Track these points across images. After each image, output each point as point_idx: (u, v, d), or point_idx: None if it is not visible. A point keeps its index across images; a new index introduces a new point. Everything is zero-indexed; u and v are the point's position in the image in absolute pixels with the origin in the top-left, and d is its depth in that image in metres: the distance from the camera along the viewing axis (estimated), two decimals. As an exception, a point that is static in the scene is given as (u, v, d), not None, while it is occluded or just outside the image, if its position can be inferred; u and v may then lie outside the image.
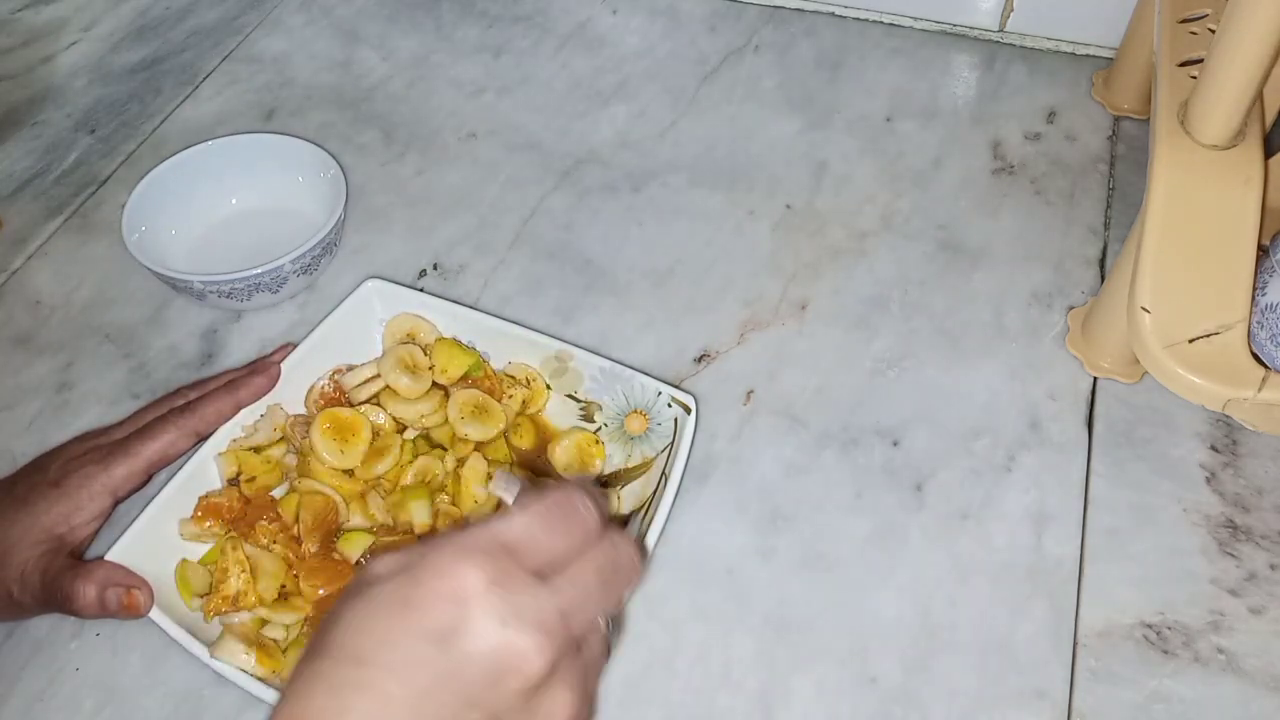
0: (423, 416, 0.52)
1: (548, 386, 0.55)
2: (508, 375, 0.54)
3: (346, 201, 0.61)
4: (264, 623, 0.47)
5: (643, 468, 0.52)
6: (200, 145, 0.64)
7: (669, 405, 0.51)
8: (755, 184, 0.67)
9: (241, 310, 0.61)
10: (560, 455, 0.52)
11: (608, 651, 0.35)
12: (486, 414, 0.52)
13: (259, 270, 0.57)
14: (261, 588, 0.46)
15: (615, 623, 0.35)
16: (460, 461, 0.51)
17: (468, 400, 0.53)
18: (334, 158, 0.63)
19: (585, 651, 0.33)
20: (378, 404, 0.53)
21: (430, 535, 0.48)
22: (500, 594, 0.30)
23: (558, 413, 0.55)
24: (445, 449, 0.52)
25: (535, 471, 0.52)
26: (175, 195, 0.63)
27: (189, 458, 0.49)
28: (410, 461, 0.51)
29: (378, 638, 0.30)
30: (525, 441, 0.53)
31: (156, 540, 0.47)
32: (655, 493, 0.49)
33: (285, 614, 0.46)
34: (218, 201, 0.65)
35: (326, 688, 0.30)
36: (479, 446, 0.52)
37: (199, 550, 0.49)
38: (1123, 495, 0.51)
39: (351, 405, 0.53)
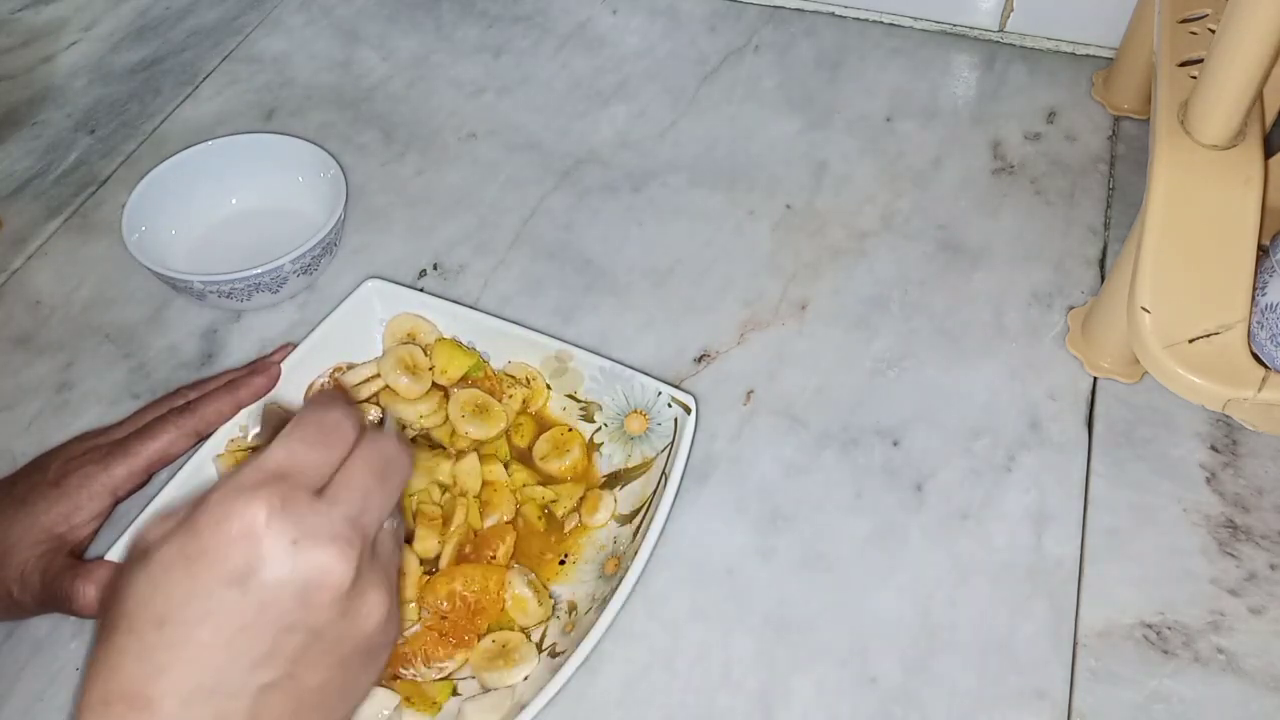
0: (422, 417, 0.52)
1: (548, 386, 0.54)
2: (507, 375, 0.54)
3: (346, 201, 0.61)
4: None
5: (643, 468, 0.52)
6: (200, 145, 0.64)
7: (669, 405, 0.51)
8: (755, 184, 0.67)
9: (241, 310, 0.61)
10: (540, 446, 0.53)
11: (399, 545, 0.36)
12: (487, 413, 0.52)
13: (259, 270, 0.57)
14: None
15: (397, 516, 0.36)
16: (460, 454, 0.51)
17: (469, 400, 0.53)
18: (334, 158, 0.63)
19: (380, 550, 0.34)
20: (377, 403, 0.53)
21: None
22: (286, 518, 0.30)
23: (558, 413, 0.55)
24: (445, 448, 0.52)
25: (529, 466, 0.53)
26: (175, 195, 0.63)
27: (188, 458, 0.49)
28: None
29: (175, 597, 0.30)
30: (525, 440, 0.53)
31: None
32: (655, 493, 0.49)
33: None
34: (218, 201, 0.65)
35: (134, 656, 0.29)
36: (479, 445, 0.52)
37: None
38: (1123, 495, 0.51)
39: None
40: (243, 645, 0.30)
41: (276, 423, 0.36)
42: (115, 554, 0.46)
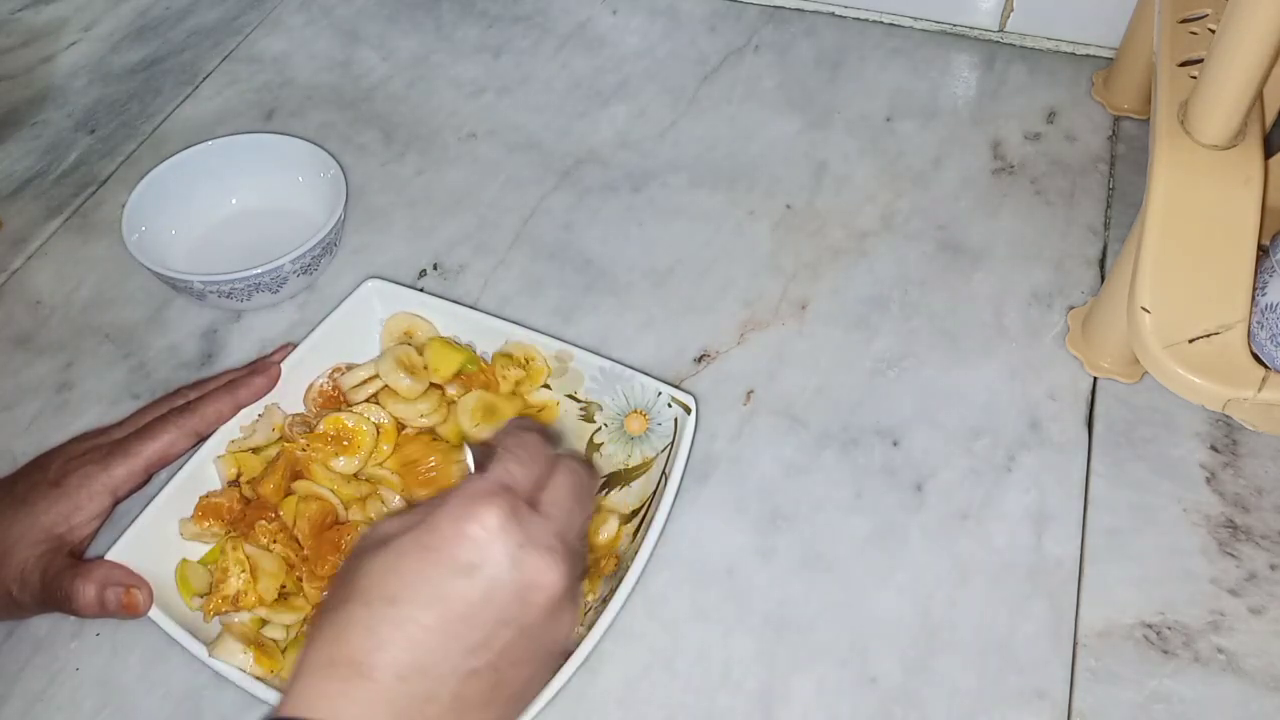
0: (422, 416, 0.52)
1: (548, 368, 0.54)
2: (504, 355, 0.54)
3: (347, 201, 0.61)
4: (264, 623, 0.47)
5: (643, 468, 0.52)
6: (200, 145, 0.64)
7: (669, 405, 0.51)
8: (755, 184, 0.67)
9: (241, 310, 0.61)
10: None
11: (586, 566, 0.41)
12: (497, 414, 0.53)
13: (259, 270, 0.57)
14: (261, 588, 0.46)
15: (585, 539, 0.40)
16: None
17: (476, 404, 0.53)
18: (334, 157, 0.63)
19: (580, 571, 0.37)
20: (376, 403, 0.53)
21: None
22: (515, 524, 0.34)
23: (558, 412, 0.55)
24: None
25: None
26: (175, 195, 0.63)
27: (188, 458, 0.49)
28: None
29: (407, 579, 0.33)
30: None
31: (156, 540, 0.47)
32: (655, 493, 0.49)
33: (285, 614, 0.46)
34: (218, 201, 0.65)
35: (363, 629, 0.32)
36: None
37: (199, 550, 0.49)
38: (1123, 495, 0.51)
39: (350, 405, 0.53)
40: (461, 631, 0.32)
41: (480, 456, 0.39)
42: (115, 554, 0.46)
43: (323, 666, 0.32)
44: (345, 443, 0.51)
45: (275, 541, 0.48)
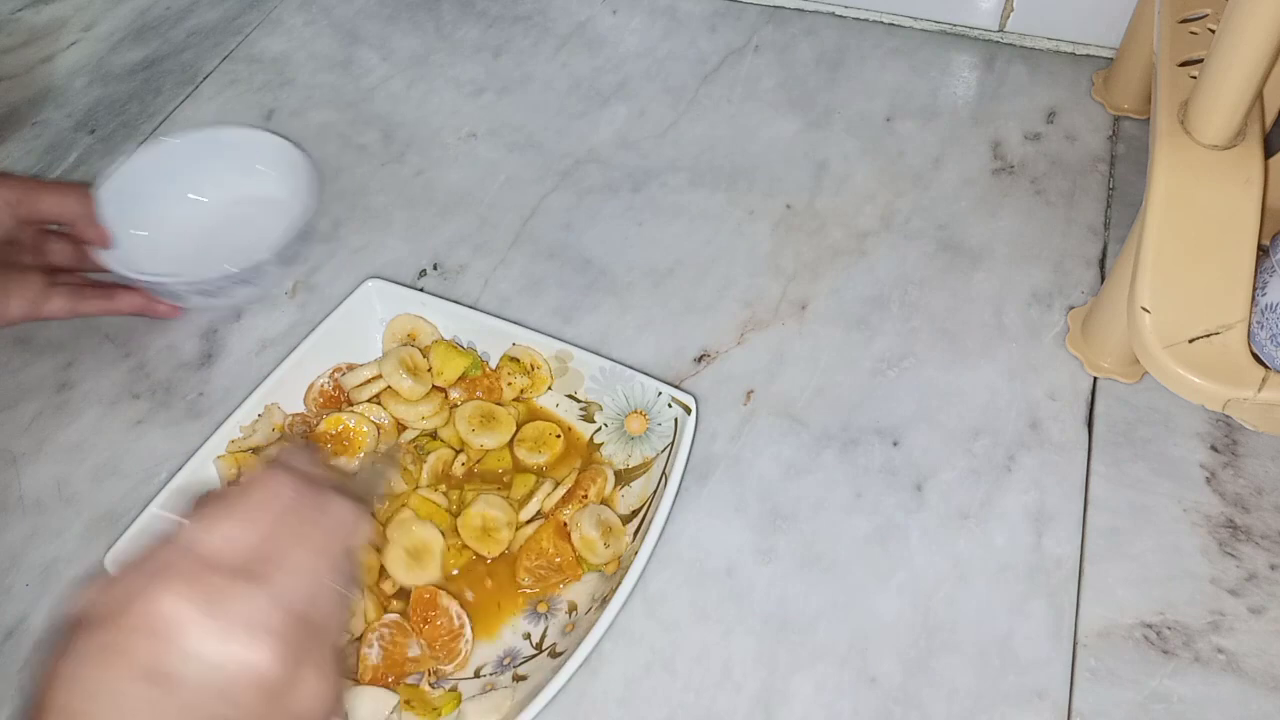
0: (424, 418, 0.52)
1: (550, 377, 0.54)
2: (511, 359, 0.54)
3: (319, 188, 0.60)
4: None
5: (643, 468, 0.52)
6: (160, 142, 0.63)
7: (669, 405, 0.51)
8: (755, 184, 0.67)
9: (223, 307, 0.61)
10: (522, 435, 0.53)
11: (345, 611, 0.34)
12: (495, 421, 0.53)
13: (229, 270, 0.56)
14: None
15: (347, 581, 0.34)
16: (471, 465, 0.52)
17: (474, 412, 0.53)
18: (298, 146, 0.62)
19: (316, 619, 0.31)
20: (379, 404, 0.53)
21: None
22: (207, 611, 0.28)
23: (550, 408, 0.55)
24: (454, 450, 0.53)
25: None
26: (143, 195, 0.61)
27: (188, 459, 0.49)
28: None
29: (90, 690, 0.28)
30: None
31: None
32: (655, 493, 0.49)
33: None
34: (187, 199, 0.64)
35: None
36: (486, 454, 0.53)
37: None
38: (1123, 495, 0.51)
39: (352, 405, 0.53)
40: None
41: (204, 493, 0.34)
42: (116, 554, 0.46)
43: None
44: (345, 442, 0.51)
45: None
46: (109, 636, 0.28)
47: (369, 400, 0.53)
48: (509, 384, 0.54)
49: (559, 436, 0.53)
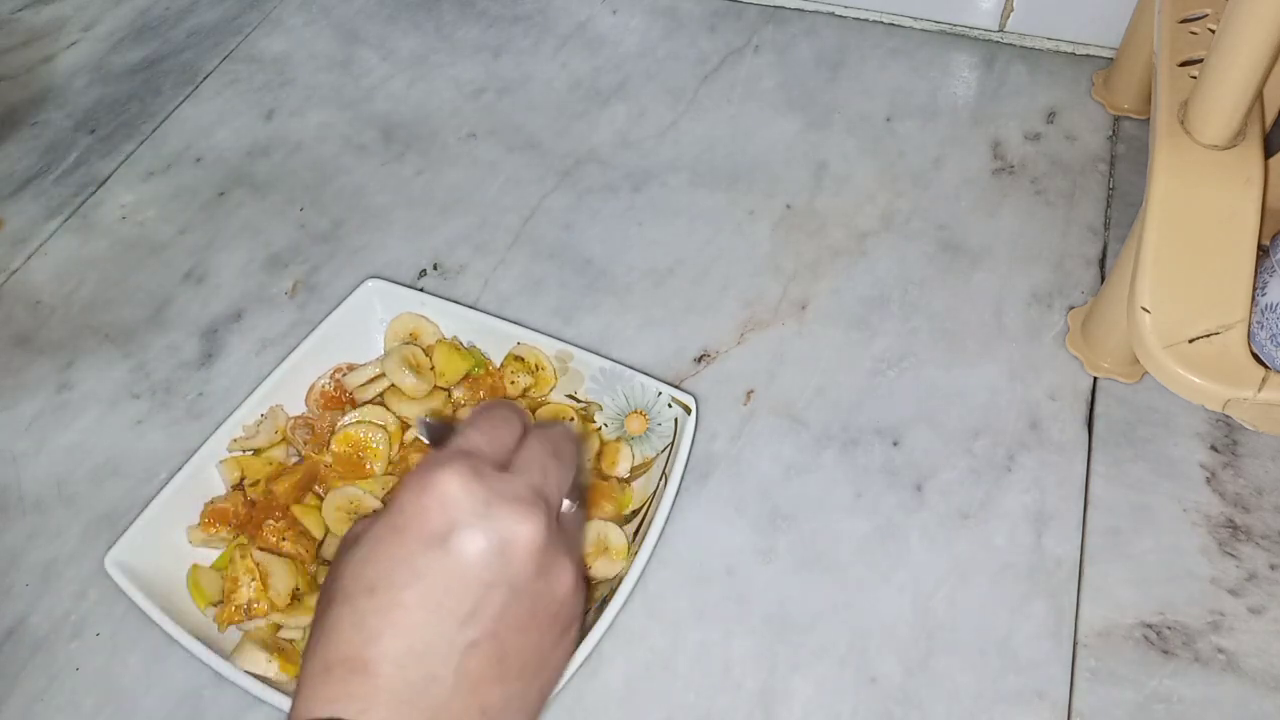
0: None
1: (555, 377, 0.54)
2: (515, 358, 0.54)
3: None
4: (279, 626, 0.47)
5: (643, 468, 0.52)
6: None
7: (669, 405, 0.51)
8: (755, 184, 0.67)
9: None
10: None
11: (582, 523, 0.39)
12: None
13: None
14: (273, 593, 0.46)
15: (576, 497, 0.39)
16: None
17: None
18: None
19: (565, 524, 0.36)
20: (382, 403, 0.53)
21: None
22: (477, 484, 0.32)
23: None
24: None
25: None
26: None
27: (188, 458, 0.49)
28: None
29: (382, 565, 0.32)
30: None
31: (160, 544, 0.47)
32: (655, 493, 0.49)
33: (300, 616, 0.46)
34: None
35: (351, 624, 0.31)
36: None
37: (209, 555, 0.49)
38: (1123, 495, 0.51)
39: (355, 404, 0.53)
40: (448, 605, 0.31)
41: (437, 431, 0.39)
42: (115, 556, 0.46)
43: (320, 673, 0.31)
44: (360, 457, 0.51)
45: (285, 539, 0.48)
46: (398, 517, 0.32)
47: (372, 400, 0.53)
48: (512, 383, 0.54)
49: (571, 419, 0.53)
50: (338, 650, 0.31)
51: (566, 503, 0.37)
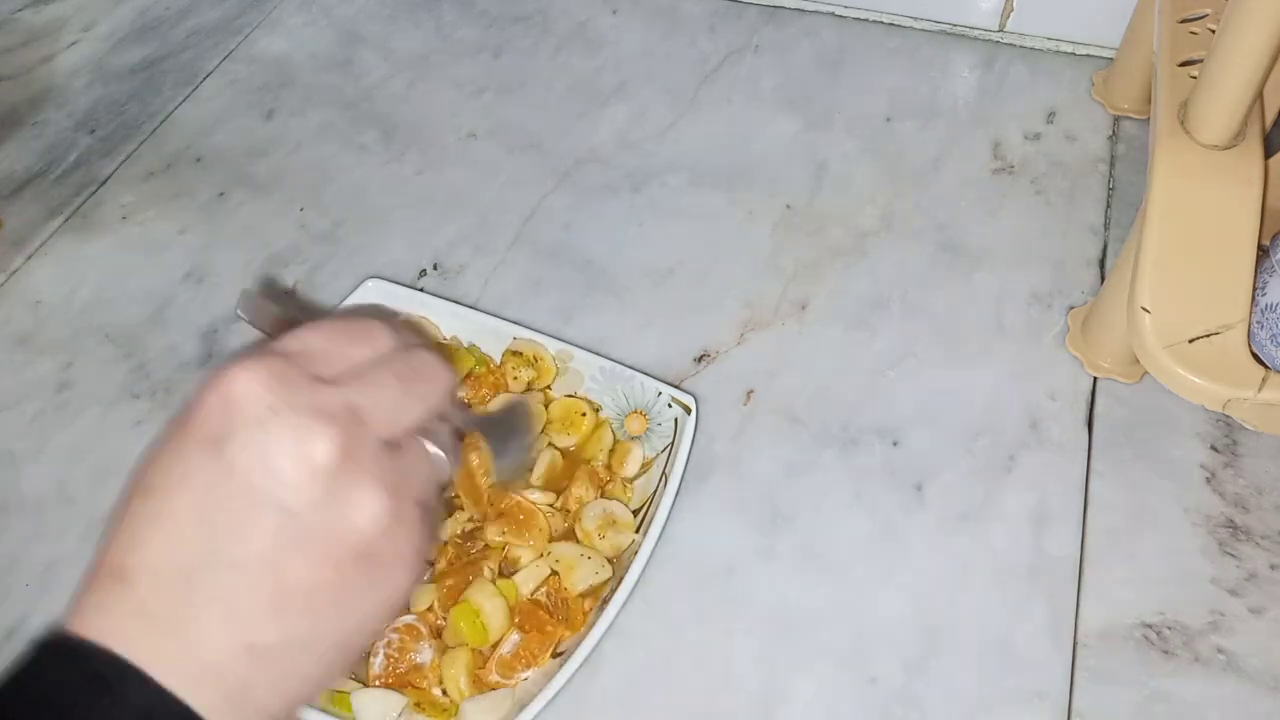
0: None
1: (555, 364, 0.54)
2: (513, 353, 0.54)
3: None
4: None
5: (643, 468, 0.52)
6: None
7: (669, 405, 0.51)
8: (755, 184, 0.67)
9: None
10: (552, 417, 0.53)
11: (439, 477, 0.33)
12: None
13: None
14: None
15: (444, 445, 0.33)
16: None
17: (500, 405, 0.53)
18: None
19: (402, 457, 0.31)
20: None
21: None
22: (272, 387, 0.28)
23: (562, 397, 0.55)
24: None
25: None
26: None
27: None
28: None
29: (160, 464, 0.29)
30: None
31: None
32: (655, 493, 0.49)
33: None
34: None
35: (121, 527, 0.28)
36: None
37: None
38: (1123, 495, 0.51)
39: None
40: (215, 517, 0.28)
41: (264, 314, 0.33)
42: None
43: (87, 578, 0.28)
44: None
45: None
46: (185, 416, 0.29)
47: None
48: (514, 379, 0.54)
49: (584, 415, 0.53)
50: (106, 555, 0.28)
51: (426, 443, 0.32)
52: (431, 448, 0.32)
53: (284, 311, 0.33)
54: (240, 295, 0.32)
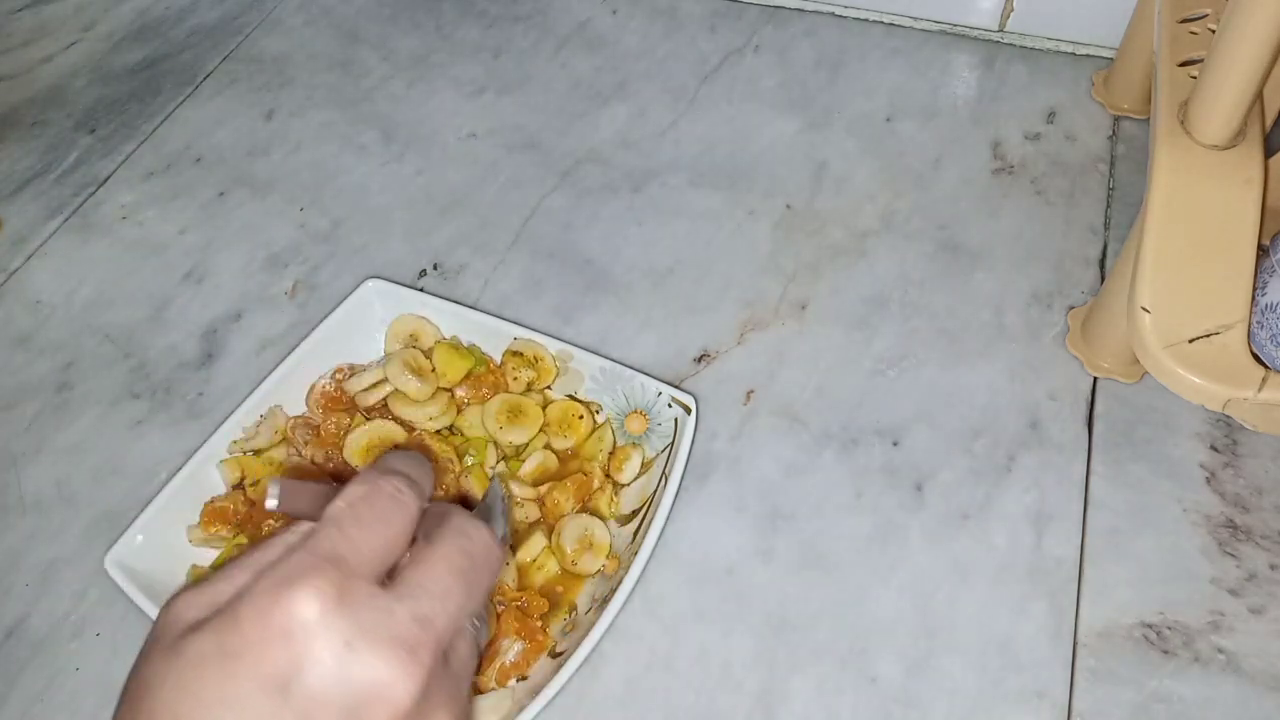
0: (431, 419, 0.52)
1: (555, 363, 0.54)
2: (513, 353, 0.54)
3: None
4: None
5: (643, 468, 0.52)
6: None
7: (669, 405, 0.51)
8: (755, 184, 0.67)
9: None
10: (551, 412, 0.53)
11: (478, 654, 0.31)
12: (522, 415, 0.52)
13: None
14: None
15: (481, 618, 0.31)
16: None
17: (501, 408, 0.52)
18: None
19: (454, 661, 0.28)
20: (385, 408, 0.53)
21: None
22: (341, 614, 0.25)
23: (561, 398, 0.55)
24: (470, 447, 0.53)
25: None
26: None
27: (187, 460, 0.49)
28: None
29: (205, 701, 0.25)
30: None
31: (160, 543, 0.47)
32: (655, 493, 0.49)
33: None
34: None
35: None
36: (519, 450, 0.53)
37: (208, 555, 0.49)
38: (1123, 495, 0.51)
39: (358, 409, 0.53)
40: None
41: (308, 495, 0.30)
42: (115, 556, 0.46)
43: None
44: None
45: None
46: (234, 639, 0.25)
47: (375, 405, 0.53)
48: (515, 379, 0.54)
49: (581, 418, 0.53)
50: None
51: (467, 626, 0.29)
52: (475, 624, 0.31)
53: (314, 489, 0.30)
54: (269, 486, 0.29)
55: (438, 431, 0.53)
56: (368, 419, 0.52)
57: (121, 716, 0.26)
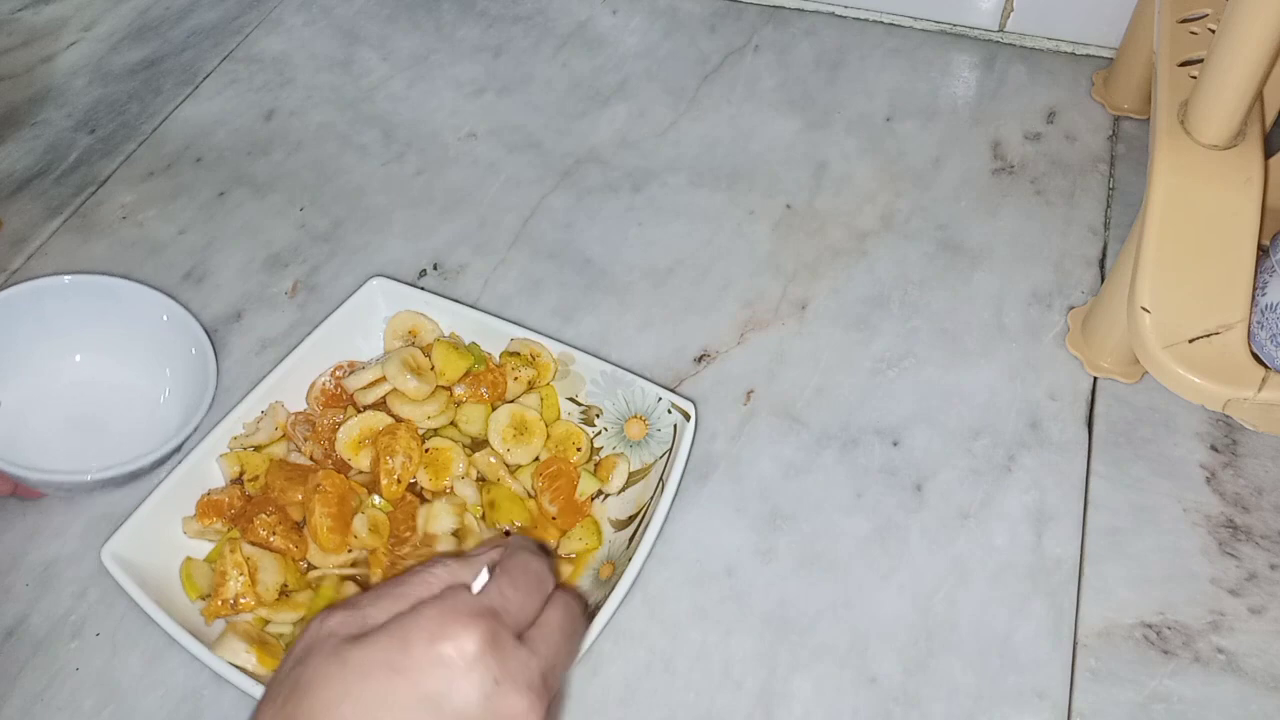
0: (429, 417, 0.52)
1: (554, 360, 0.54)
2: (511, 353, 0.54)
3: (217, 388, 0.53)
4: (267, 621, 0.47)
5: (641, 473, 0.52)
6: (27, 285, 0.53)
7: (669, 411, 0.51)
8: (755, 184, 0.67)
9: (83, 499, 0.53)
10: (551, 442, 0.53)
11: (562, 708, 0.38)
12: (527, 432, 0.52)
13: (97, 476, 0.49)
14: (260, 588, 0.46)
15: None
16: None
17: (508, 423, 0.52)
18: (202, 326, 0.55)
19: (553, 709, 0.34)
20: (384, 406, 0.53)
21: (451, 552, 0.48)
22: (495, 655, 0.31)
23: (562, 401, 0.55)
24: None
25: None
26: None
27: (188, 453, 0.49)
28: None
29: (368, 705, 0.29)
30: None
31: (156, 536, 0.47)
32: (652, 499, 0.49)
33: (286, 613, 0.46)
34: (56, 359, 0.55)
35: None
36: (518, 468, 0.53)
37: (205, 548, 0.49)
38: (1123, 495, 0.51)
39: (358, 408, 0.53)
40: None
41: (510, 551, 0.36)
42: (113, 548, 0.45)
43: None
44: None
45: (274, 534, 0.48)
46: (402, 658, 0.30)
47: (374, 403, 0.53)
48: (515, 378, 0.54)
49: (579, 449, 0.53)
50: None
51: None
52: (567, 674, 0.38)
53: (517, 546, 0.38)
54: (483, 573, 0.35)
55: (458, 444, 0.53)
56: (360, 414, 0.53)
57: (273, 709, 0.30)
